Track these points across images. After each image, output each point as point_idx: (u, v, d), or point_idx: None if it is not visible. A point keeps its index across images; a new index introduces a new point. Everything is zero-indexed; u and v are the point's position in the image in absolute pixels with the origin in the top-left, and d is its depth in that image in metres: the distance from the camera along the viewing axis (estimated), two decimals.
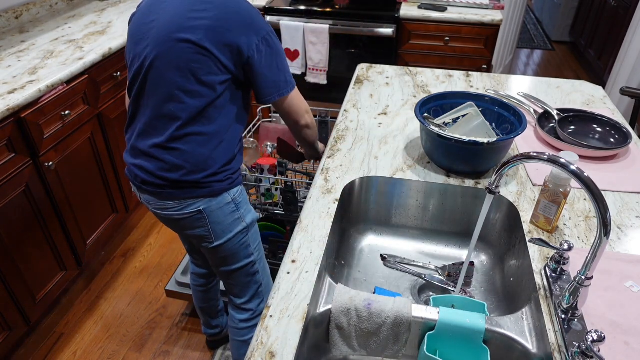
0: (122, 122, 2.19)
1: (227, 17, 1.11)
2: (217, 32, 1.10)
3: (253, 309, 1.44)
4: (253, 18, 1.15)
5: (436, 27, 2.65)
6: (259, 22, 1.16)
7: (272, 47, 1.17)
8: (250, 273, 1.38)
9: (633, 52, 3.18)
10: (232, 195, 1.25)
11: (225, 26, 1.10)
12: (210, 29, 1.09)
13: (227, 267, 1.35)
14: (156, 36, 1.12)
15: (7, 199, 1.60)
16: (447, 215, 1.27)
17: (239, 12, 1.13)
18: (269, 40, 1.16)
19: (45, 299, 1.85)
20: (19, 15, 2.23)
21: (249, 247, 1.34)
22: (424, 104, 1.30)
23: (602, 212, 0.71)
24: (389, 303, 0.91)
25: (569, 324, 0.83)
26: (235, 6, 1.13)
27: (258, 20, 1.16)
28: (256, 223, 1.37)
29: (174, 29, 1.10)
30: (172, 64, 1.11)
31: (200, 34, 1.09)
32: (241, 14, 1.13)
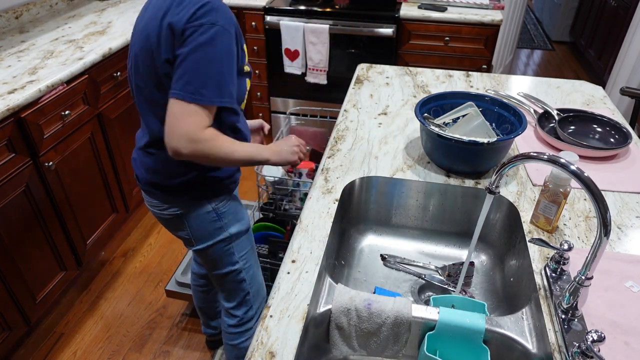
0: (122, 122, 2.19)
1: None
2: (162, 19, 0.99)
3: (240, 315, 1.42)
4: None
5: (436, 27, 2.65)
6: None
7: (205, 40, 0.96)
8: (236, 280, 1.36)
9: (633, 52, 3.18)
10: (214, 205, 1.21)
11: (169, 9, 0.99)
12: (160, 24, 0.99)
13: (213, 271, 1.34)
14: (132, 40, 1.09)
15: (7, 199, 1.60)
16: (447, 215, 1.27)
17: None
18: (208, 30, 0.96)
19: (45, 299, 1.85)
20: (19, 15, 2.23)
21: (232, 255, 1.30)
22: (424, 104, 1.30)
23: (602, 212, 0.71)
24: (389, 303, 0.91)
25: (569, 324, 0.83)
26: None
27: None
28: (246, 233, 1.32)
29: (142, 35, 1.03)
30: (139, 71, 1.06)
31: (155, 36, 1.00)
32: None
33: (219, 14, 0.97)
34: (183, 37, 0.96)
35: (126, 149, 2.26)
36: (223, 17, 0.98)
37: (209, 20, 0.96)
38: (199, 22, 0.95)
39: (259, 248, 1.78)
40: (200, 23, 0.95)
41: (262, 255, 1.74)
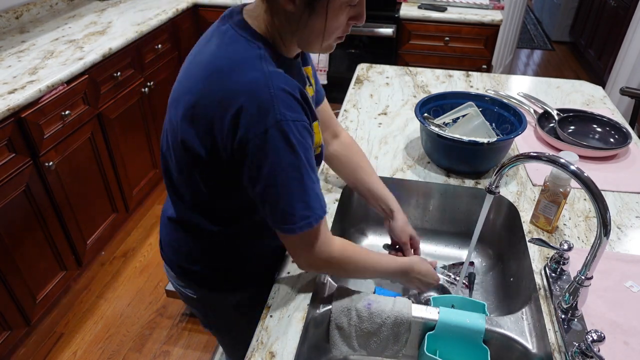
0: (122, 122, 2.19)
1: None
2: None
3: None
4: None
5: (436, 27, 2.65)
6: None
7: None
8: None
9: (633, 52, 3.17)
10: (238, 298, 1.02)
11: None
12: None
13: (221, 343, 1.24)
14: None
15: (7, 199, 1.60)
16: (447, 215, 1.27)
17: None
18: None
19: (45, 299, 1.85)
20: (19, 16, 2.23)
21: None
22: (424, 104, 1.30)
23: (602, 212, 0.71)
24: (389, 303, 0.91)
25: (569, 324, 0.83)
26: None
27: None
28: None
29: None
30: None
31: None
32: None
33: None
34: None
35: (126, 149, 2.26)
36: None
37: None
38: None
39: None
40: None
41: None
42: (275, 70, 0.75)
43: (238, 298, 1.01)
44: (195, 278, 0.99)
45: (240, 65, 0.74)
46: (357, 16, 0.78)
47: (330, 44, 0.80)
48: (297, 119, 0.74)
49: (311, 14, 0.73)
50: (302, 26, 0.75)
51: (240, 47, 0.76)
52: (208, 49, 0.79)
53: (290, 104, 0.74)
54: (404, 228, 1.12)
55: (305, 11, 0.73)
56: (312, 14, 0.73)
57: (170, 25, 2.50)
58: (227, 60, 0.75)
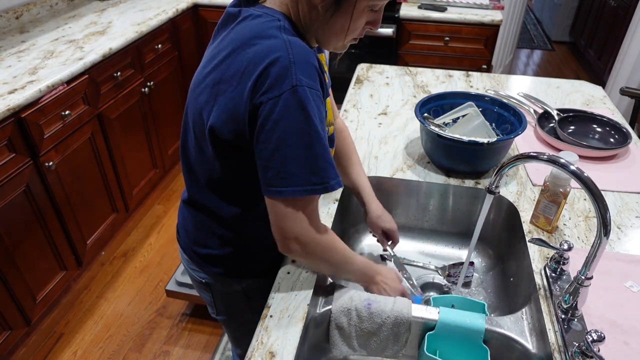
0: (122, 122, 2.19)
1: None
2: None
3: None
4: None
5: (436, 27, 2.65)
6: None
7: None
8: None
9: (633, 52, 3.17)
10: (244, 285, 1.02)
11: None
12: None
13: (229, 334, 1.25)
14: None
15: (7, 199, 1.60)
16: (447, 215, 1.27)
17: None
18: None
19: (45, 299, 1.85)
20: (19, 16, 2.23)
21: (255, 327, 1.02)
22: (424, 104, 1.30)
23: (602, 212, 0.71)
24: (389, 303, 0.91)
25: (569, 324, 0.83)
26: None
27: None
28: None
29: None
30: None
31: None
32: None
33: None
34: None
35: (126, 149, 2.26)
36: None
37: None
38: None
39: None
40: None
41: None
42: (295, 39, 0.75)
43: (247, 284, 1.02)
44: (207, 261, 0.99)
45: (260, 35, 0.75)
46: (374, 22, 0.80)
47: (345, 44, 0.82)
48: (313, 86, 0.74)
49: (336, 11, 0.75)
50: (324, 22, 0.77)
51: (259, 21, 0.77)
52: (230, 29, 0.81)
53: (308, 72, 0.73)
54: (376, 221, 1.13)
55: (331, 8, 0.74)
56: (337, 11, 0.75)
57: (170, 25, 2.50)
58: (248, 34, 0.76)
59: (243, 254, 0.98)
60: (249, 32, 0.76)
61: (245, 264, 1.00)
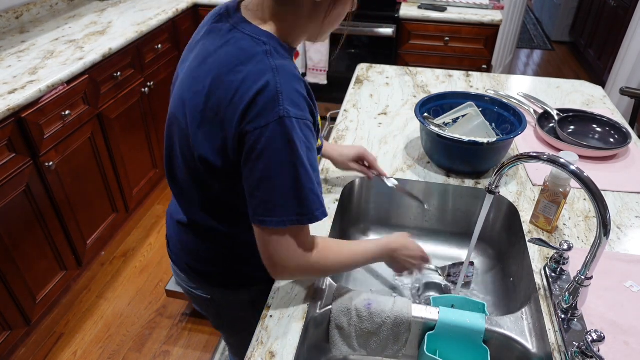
0: (122, 122, 2.19)
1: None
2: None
3: None
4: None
5: (436, 27, 2.65)
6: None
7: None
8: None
9: (633, 52, 3.17)
10: (252, 294, 0.99)
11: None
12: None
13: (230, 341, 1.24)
14: None
15: (7, 199, 1.60)
16: (447, 215, 1.27)
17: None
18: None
19: (45, 299, 1.85)
20: (20, 16, 2.23)
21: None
22: (424, 104, 1.30)
23: (602, 212, 0.71)
24: (389, 303, 0.91)
25: (569, 324, 0.83)
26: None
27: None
28: None
29: None
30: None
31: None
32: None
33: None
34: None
35: (126, 149, 2.26)
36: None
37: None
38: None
39: None
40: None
41: None
42: (282, 64, 0.74)
43: (252, 294, 1.00)
44: (208, 279, 0.98)
45: (245, 63, 0.73)
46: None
47: (328, 35, 0.86)
48: (301, 117, 0.73)
49: (337, 3, 0.77)
50: (326, 16, 0.78)
51: (244, 45, 0.75)
52: (212, 50, 0.78)
53: (296, 101, 0.72)
54: (342, 161, 1.15)
55: (332, 3, 0.77)
56: (337, 3, 0.77)
57: (170, 25, 2.50)
58: (232, 59, 0.74)
59: (249, 265, 0.96)
60: (233, 57, 0.74)
61: (250, 273, 0.98)
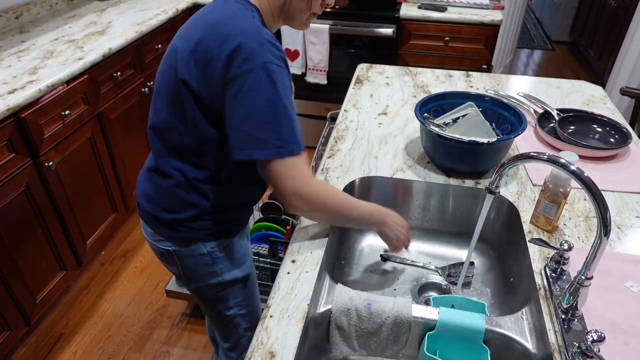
0: (122, 122, 2.19)
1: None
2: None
3: (234, 357, 1.31)
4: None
5: (436, 27, 2.65)
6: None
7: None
8: (230, 324, 1.23)
9: (633, 52, 3.17)
10: (209, 248, 1.07)
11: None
12: None
13: (205, 311, 1.28)
14: None
15: (7, 199, 1.60)
16: (447, 215, 1.27)
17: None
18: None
19: (45, 299, 1.85)
20: (19, 15, 2.23)
21: (226, 301, 1.16)
22: (424, 104, 1.30)
23: (602, 212, 0.71)
24: (389, 303, 0.91)
25: (569, 324, 0.83)
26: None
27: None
28: (244, 280, 1.16)
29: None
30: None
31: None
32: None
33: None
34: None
35: (126, 149, 2.26)
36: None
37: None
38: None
39: (259, 248, 1.78)
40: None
41: (262, 255, 1.74)
42: (264, 29, 0.89)
43: (210, 247, 1.07)
44: (171, 226, 1.04)
45: (238, 18, 0.88)
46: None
47: (308, 22, 1.00)
48: (280, 65, 0.87)
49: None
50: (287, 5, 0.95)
51: (237, 8, 0.91)
52: (207, 10, 0.94)
53: (275, 54, 0.87)
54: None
55: None
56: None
57: (170, 25, 2.50)
58: (227, 15, 0.89)
59: (208, 216, 1.03)
60: (226, 14, 0.89)
61: (210, 225, 1.05)
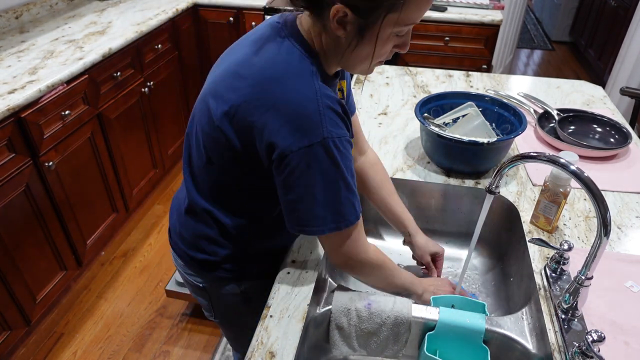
0: (122, 122, 2.19)
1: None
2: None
3: None
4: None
5: (436, 27, 2.65)
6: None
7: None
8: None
9: (633, 52, 3.17)
10: (242, 288, 1.02)
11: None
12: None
13: (226, 335, 1.25)
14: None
15: (7, 199, 1.60)
16: (447, 215, 1.27)
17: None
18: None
19: (45, 299, 1.85)
20: (19, 15, 2.23)
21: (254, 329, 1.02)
22: (424, 104, 1.30)
23: (602, 212, 0.71)
24: (389, 303, 0.91)
25: (569, 324, 0.83)
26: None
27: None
28: None
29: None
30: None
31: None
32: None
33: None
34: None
35: (126, 149, 2.26)
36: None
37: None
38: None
39: None
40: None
41: None
42: (323, 86, 0.77)
43: (244, 287, 1.02)
44: (204, 266, 1.00)
45: (294, 79, 0.75)
46: (401, 45, 0.79)
47: (371, 68, 0.82)
48: (341, 135, 0.77)
49: (360, 41, 0.74)
50: (349, 51, 0.76)
51: (295, 60, 0.77)
52: (263, 54, 0.79)
53: (336, 121, 0.76)
54: (424, 249, 1.14)
55: (355, 38, 0.74)
56: (361, 41, 0.74)
57: (170, 25, 2.50)
58: (282, 71, 0.76)
59: (243, 259, 0.99)
60: (283, 70, 0.76)
61: (245, 268, 1.00)
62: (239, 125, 0.78)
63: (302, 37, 0.79)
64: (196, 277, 1.03)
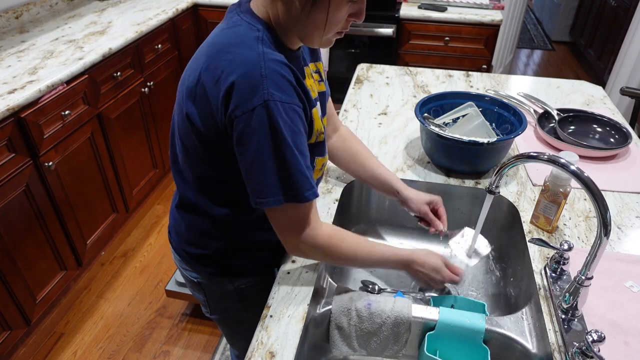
0: (122, 122, 2.19)
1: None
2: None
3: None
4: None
5: (436, 27, 2.65)
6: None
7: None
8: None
9: (633, 52, 3.17)
10: (236, 285, 1.02)
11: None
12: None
13: (223, 333, 1.26)
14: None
15: (7, 199, 1.60)
16: (448, 215, 1.27)
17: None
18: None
19: (45, 299, 1.84)
20: (19, 15, 2.23)
21: (250, 330, 0.99)
22: (424, 104, 1.30)
23: (602, 212, 0.71)
24: (389, 303, 0.91)
25: (569, 324, 0.83)
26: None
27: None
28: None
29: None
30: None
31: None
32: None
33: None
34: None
35: (126, 149, 2.26)
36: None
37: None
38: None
39: None
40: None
41: None
42: (271, 52, 0.77)
43: (239, 283, 1.02)
44: (198, 261, 1.01)
45: (237, 45, 0.77)
46: (357, 13, 0.80)
47: (330, 39, 0.82)
48: (286, 100, 0.76)
49: (313, 6, 0.75)
50: (303, 18, 0.77)
51: (240, 30, 0.79)
52: (213, 32, 0.84)
53: (281, 85, 0.75)
54: (418, 200, 1.11)
55: (307, 4, 0.75)
56: (313, 7, 0.75)
57: (170, 25, 2.50)
58: (226, 41, 0.79)
59: (234, 253, 0.99)
60: (227, 39, 0.79)
61: (237, 263, 1.01)
62: (200, 103, 0.79)
63: (252, 11, 0.81)
64: (191, 272, 1.04)
